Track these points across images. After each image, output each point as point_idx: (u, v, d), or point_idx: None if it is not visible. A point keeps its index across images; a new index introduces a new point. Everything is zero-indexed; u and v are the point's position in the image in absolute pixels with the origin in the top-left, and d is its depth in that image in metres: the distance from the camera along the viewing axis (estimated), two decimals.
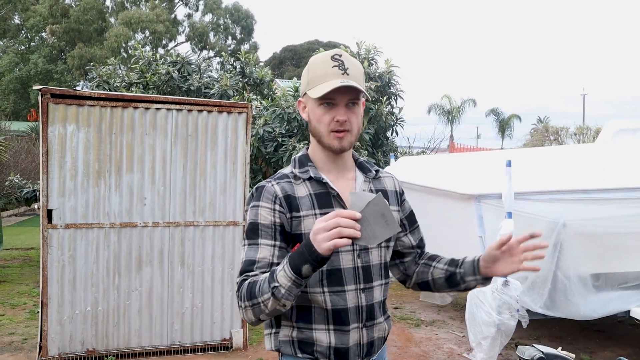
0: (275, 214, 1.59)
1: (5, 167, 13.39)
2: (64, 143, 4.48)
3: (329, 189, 1.64)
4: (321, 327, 1.59)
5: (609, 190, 4.89)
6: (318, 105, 1.61)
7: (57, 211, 4.49)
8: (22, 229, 12.74)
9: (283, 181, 1.65)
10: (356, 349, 1.63)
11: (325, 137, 1.63)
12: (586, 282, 4.78)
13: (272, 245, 1.57)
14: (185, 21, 37.33)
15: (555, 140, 28.73)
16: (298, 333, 1.62)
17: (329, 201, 1.64)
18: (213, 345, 4.95)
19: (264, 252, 1.56)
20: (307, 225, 1.60)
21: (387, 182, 1.80)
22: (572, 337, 5.66)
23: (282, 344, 1.65)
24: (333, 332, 1.60)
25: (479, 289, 4.67)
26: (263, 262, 1.55)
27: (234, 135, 4.94)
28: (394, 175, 1.87)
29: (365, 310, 1.63)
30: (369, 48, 9.08)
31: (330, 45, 29.47)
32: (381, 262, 1.70)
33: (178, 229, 4.80)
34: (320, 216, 1.58)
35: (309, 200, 1.63)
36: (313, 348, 1.61)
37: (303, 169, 1.67)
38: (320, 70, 1.61)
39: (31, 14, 31.91)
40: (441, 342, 5.54)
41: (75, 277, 4.55)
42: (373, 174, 1.75)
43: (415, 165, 7.08)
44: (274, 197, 1.61)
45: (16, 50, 32.65)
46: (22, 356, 4.81)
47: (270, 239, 1.58)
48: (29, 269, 8.37)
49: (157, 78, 9.01)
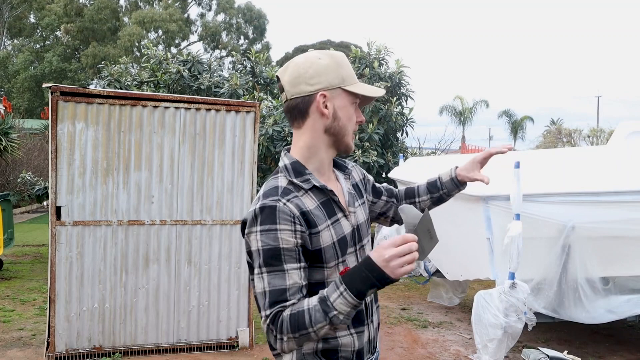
0: (297, 234, 1.48)
1: (19, 164, 13.56)
2: (73, 141, 4.52)
3: (331, 195, 1.60)
4: (344, 333, 1.55)
5: (620, 193, 4.83)
6: (351, 104, 1.61)
7: (66, 208, 4.52)
8: (34, 225, 12.86)
9: (291, 197, 1.53)
10: (367, 346, 1.63)
11: (349, 137, 1.63)
12: (595, 286, 4.73)
13: (299, 268, 1.48)
14: (198, 20, 37.55)
15: (568, 142, 28.50)
16: (324, 344, 1.56)
17: (332, 208, 1.59)
18: (219, 343, 4.97)
19: (293, 277, 1.46)
20: (325, 238, 1.54)
21: (355, 174, 1.81)
22: (580, 341, 5.60)
23: (306, 356, 1.57)
24: (355, 335, 1.59)
25: (485, 291, 4.64)
26: (294, 288, 1.45)
27: (241, 134, 4.95)
28: (354, 163, 1.90)
29: (369, 306, 1.65)
30: (380, 48, 9.07)
31: (343, 46, 29.45)
32: None
33: (185, 228, 4.82)
34: (332, 226, 1.56)
35: (320, 212, 1.56)
36: (338, 355, 1.57)
37: (303, 178, 1.57)
38: (351, 70, 1.64)
39: (46, 13, 32.28)
40: (448, 343, 5.51)
41: (82, 274, 4.59)
42: (350, 170, 1.77)
43: (423, 165, 7.05)
44: (292, 216, 1.48)
45: (31, 48, 33.03)
46: (30, 352, 4.85)
47: (296, 262, 1.48)
48: (39, 266, 8.45)
49: (168, 77, 9.06)
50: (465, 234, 5.14)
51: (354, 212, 1.66)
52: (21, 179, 9.34)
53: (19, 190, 12.01)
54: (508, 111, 38.27)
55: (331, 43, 32.79)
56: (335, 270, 1.56)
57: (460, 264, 5.47)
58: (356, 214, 1.67)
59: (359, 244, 1.66)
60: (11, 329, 5.47)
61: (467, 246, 5.14)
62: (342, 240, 1.58)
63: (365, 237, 1.69)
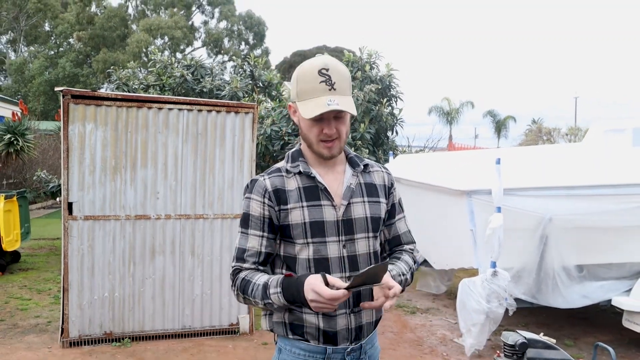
0: (265, 207, 1.62)
1: (35, 163, 13.51)
2: (84, 141, 4.51)
3: (317, 182, 1.64)
4: (310, 311, 1.57)
5: (594, 187, 4.85)
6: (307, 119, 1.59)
7: (77, 204, 4.51)
8: (49, 220, 12.82)
9: (274, 175, 1.66)
10: (345, 333, 1.62)
11: (315, 146, 1.63)
12: (570, 273, 4.76)
13: (260, 236, 1.63)
14: (202, 28, 37.47)
15: (548, 140, 28.58)
16: (289, 315, 1.63)
17: (317, 194, 1.63)
18: (221, 329, 4.97)
19: (252, 242, 1.64)
20: (294, 217, 1.60)
21: (377, 176, 1.76)
22: (558, 325, 5.63)
23: (275, 325, 1.67)
24: (321, 316, 1.60)
25: (469, 279, 4.65)
26: (252, 251, 1.64)
27: (241, 134, 4.94)
28: (387, 170, 1.82)
29: (352, 297, 1.61)
30: (371, 53, 9.06)
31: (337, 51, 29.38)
32: (369, 252, 1.68)
33: (189, 221, 4.82)
34: (307, 208, 1.60)
35: (297, 193, 1.63)
36: (303, 330, 1.62)
37: (294, 164, 1.67)
38: (309, 85, 1.57)
39: (60, 21, 32.16)
40: (435, 328, 5.53)
41: (93, 265, 4.58)
42: (361, 168, 1.73)
43: (411, 162, 7.06)
44: (264, 190, 1.63)
45: (46, 55, 32.89)
46: (46, 337, 4.85)
47: (259, 230, 1.63)
48: (54, 258, 8.44)
49: (173, 80, 9.04)
50: (451, 226, 5.15)
51: (345, 204, 1.64)
52: (37, 177, 9.31)
53: (35, 188, 11.98)
54: (492, 111, 38.28)
55: (326, 48, 32.73)
56: (304, 248, 1.61)
57: (446, 254, 5.48)
58: (351, 208, 1.65)
59: (347, 237, 1.64)
60: (28, 317, 5.47)
61: (453, 237, 5.15)
62: (316, 223, 1.61)
63: (360, 233, 1.65)
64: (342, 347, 1.62)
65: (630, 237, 4.84)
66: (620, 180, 4.87)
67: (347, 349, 1.63)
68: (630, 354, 4.85)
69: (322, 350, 1.61)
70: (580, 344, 5.07)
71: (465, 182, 4.87)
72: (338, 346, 1.62)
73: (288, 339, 1.64)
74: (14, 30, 33.60)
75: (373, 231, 1.68)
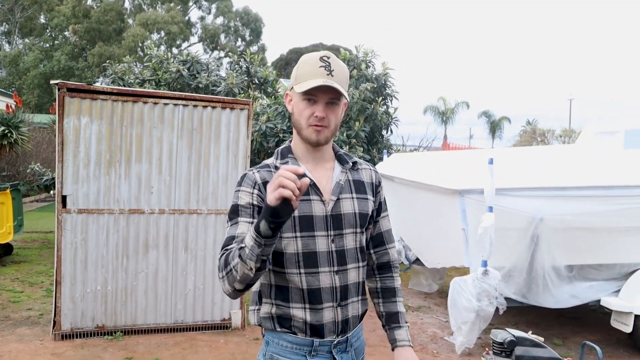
0: (254, 196, 1.62)
1: (28, 156, 13.45)
2: (79, 134, 4.51)
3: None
4: (297, 305, 1.62)
5: (585, 188, 4.89)
6: (301, 100, 1.64)
7: (71, 197, 4.52)
8: (42, 213, 12.79)
9: (264, 170, 1.69)
10: (331, 326, 1.65)
11: (305, 130, 1.66)
12: (560, 273, 4.80)
13: (250, 222, 1.58)
14: (198, 23, 37.29)
15: (542, 142, 28.71)
16: (277, 310, 1.66)
17: (307, 190, 1.64)
18: (213, 324, 4.99)
19: (242, 227, 1.58)
20: None
21: (365, 174, 1.81)
22: (547, 324, 5.68)
23: (262, 319, 1.69)
24: (308, 310, 1.63)
25: (460, 278, 4.69)
26: (241, 237, 1.55)
27: (236, 130, 4.95)
28: (374, 168, 1.88)
29: (339, 290, 1.65)
30: (367, 51, 9.07)
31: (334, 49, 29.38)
32: (356, 247, 1.71)
33: (182, 216, 4.83)
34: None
35: None
36: (290, 323, 1.64)
37: (283, 160, 1.70)
38: (308, 68, 1.63)
39: (55, 14, 31.94)
40: (426, 326, 5.57)
41: (86, 259, 4.59)
42: (350, 165, 1.77)
43: (405, 161, 7.09)
44: (254, 182, 1.64)
45: (41, 47, 32.68)
46: (38, 330, 4.85)
47: (249, 217, 1.60)
48: (47, 251, 8.42)
49: (168, 75, 9.03)
50: (443, 225, 5.19)
51: (334, 199, 1.67)
52: (30, 170, 9.29)
53: (28, 181, 11.92)
54: (487, 112, 38.33)
55: (323, 46, 32.68)
56: (292, 242, 1.62)
57: (438, 252, 5.52)
58: (340, 203, 1.68)
59: (336, 232, 1.67)
60: (20, 309, 5.47)
61: (445, 236, 5.19)
62: (304, 217, 1.63)
63: (348, 228, 1.68)
64: (328, 339, 1.65)
65: (620, 238, 4.89)
66: (611, 182, 4.92)
67: (334, 342, 1.66)
68: (618, 353, 4.90)
69: (309, 342, 1.64)
70: (569, 343, 5.13)
71: (458, 181, 4.91)
72: (325, 339, 1.65)
73: (275, 332, 1.66)
74: (9, 22, 33.37)
75: (360, 227, 1.72)
